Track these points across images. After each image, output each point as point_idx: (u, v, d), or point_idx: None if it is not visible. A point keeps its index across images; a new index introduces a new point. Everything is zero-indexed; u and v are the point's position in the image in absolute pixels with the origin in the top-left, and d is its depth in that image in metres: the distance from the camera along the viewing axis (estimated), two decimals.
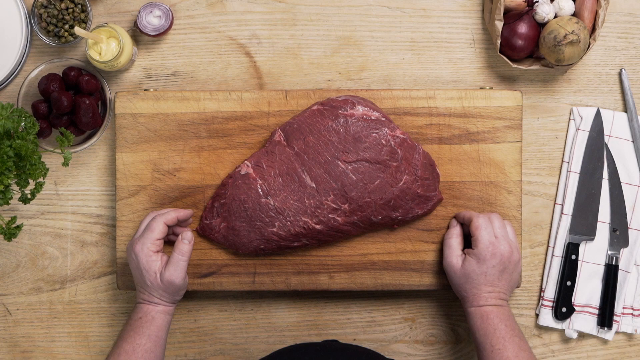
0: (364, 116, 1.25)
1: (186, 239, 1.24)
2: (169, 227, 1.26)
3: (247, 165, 1.27)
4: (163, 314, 1.23)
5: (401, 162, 1.25)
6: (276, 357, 1.19)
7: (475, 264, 1.22)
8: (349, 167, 1.24)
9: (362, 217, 1.26)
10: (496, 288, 1.22)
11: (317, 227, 1.25)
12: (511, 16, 1.30)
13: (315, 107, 1.26)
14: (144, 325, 1.21)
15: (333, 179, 1.25)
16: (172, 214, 1.25)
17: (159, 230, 1.23)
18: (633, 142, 1.36)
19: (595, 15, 1.30)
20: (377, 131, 1.24)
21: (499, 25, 1.29)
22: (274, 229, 1.26)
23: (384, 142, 1.24)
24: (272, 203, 1.25)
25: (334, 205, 1.25)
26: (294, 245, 1.28)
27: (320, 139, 1.25)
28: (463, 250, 1.26)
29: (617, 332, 1.37)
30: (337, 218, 1.25)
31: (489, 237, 1.22)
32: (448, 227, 1.30)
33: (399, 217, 1.27)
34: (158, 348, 1.21)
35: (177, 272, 1.22)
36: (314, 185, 1.25)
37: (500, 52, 1.32)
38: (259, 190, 1.26)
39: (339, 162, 1.25)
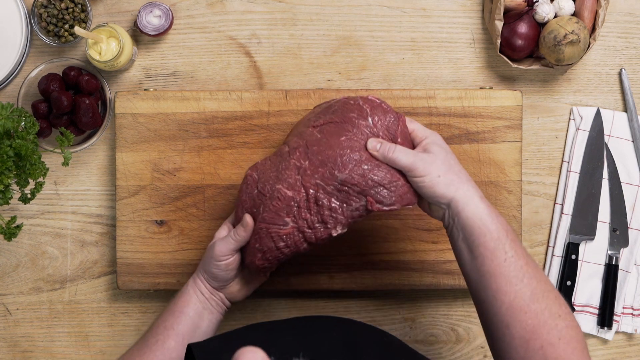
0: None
1: (242, 225, 1.17)
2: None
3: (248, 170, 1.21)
4: (195, 295, 1.18)
5: (373, 124, 1.14)
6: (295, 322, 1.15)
7: (431, 144, 1.11)
8: (316, 130, 1.16)
9: (325, 175, 1.12)
10: (470, 181, 1.09)
11: (288, 193, 1.14)
12: (511, 16, 1.30)
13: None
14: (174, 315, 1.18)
15: (302, 140, 1.16)
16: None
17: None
18: (633, 142, 1.36)
19: (595, 15, 1.30)
20: (348, 99, 1.17)
21: (499, 25, 1.29)
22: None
23: (352, 102, 1.16)
24: (261, 189, 1.17)
25: (297, 164, 1.14)
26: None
27: (304, 118, 1.21)
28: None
29: (617, 332, 1.37)
30: (299, 177, 1.14)
31: (425, 129, 1.14)
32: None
33: (375, 179, 1.11)
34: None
35: (219, 247, 1.17)
36: (287, 149, 1.17)
37: (500, 52, 1.32)
38: (253, 182, 1.18)
39: (309, 128, 1.17)
